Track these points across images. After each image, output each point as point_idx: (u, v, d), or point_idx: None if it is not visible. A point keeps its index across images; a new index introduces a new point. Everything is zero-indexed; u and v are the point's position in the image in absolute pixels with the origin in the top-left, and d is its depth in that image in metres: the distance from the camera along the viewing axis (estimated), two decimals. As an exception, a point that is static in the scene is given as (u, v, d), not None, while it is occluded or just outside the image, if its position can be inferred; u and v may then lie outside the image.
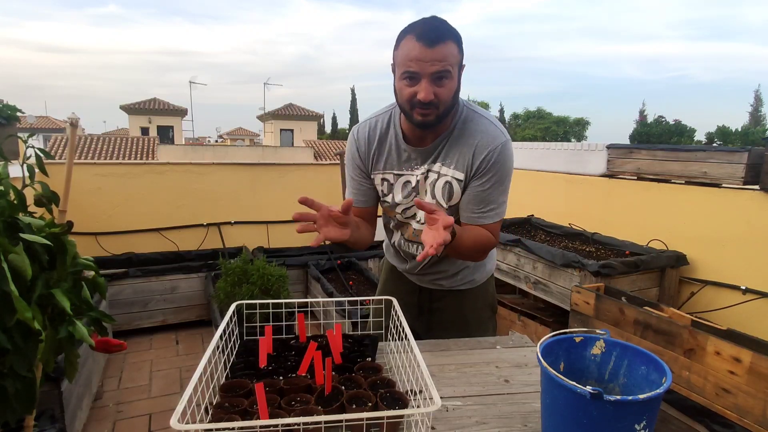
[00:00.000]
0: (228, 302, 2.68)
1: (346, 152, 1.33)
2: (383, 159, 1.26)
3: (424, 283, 1.43)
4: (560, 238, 3.09)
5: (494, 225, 1.21)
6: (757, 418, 1.50)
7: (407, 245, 1.35)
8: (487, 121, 1.19)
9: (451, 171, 1.19)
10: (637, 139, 13.95)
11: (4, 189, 0.83)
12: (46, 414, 1.69)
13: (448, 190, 1.21)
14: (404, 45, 1.07)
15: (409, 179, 1.25)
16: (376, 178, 1.29)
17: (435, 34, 1.03)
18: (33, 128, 20.37)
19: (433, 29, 1.04)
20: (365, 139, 1.27)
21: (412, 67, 1.05)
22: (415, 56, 1.04)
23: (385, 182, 1.28)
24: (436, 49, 1.03)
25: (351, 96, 39.93)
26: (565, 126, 33.19)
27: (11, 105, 2.41)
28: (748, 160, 2.35)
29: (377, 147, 1.26)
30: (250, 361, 1.04)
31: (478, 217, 1.19)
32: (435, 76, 1.05)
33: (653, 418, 0.72)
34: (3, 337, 0.76)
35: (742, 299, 2.35)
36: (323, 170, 4.62)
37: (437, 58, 1.03)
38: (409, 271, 1.42)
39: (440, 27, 1.05)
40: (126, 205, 3.85)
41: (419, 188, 1.24)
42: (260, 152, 15.00)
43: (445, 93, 1.08)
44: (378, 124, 1.26)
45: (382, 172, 1.27)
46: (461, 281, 1.40)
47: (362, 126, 1.29)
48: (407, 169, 1.24)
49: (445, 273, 1.38)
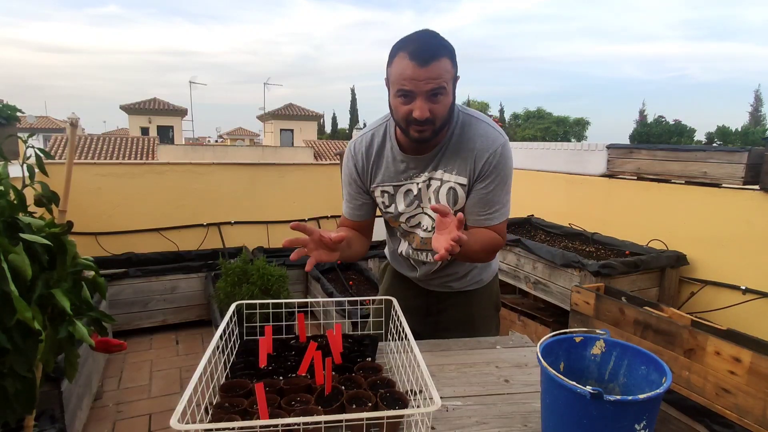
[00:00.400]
0: (228, 302, 2.67)
1: (343, 167, 1.33)
2: (381, 172, 1.26)
3: (432, 287, 1.43)
4: (560, 238, 3.09)
5: (500, 225, 1.22)
6: (757, 418, 1.49)
7: (416, 254, 1.35)
8: (484, 124, 1.19)
9: (454, 177, 1.20)
10: (637, 139, 13.94)
11: (4, 189, 0.83)
12: (46, 414, 1.69)
13: (453, 195, 1.21)
14: (397, 63, 1.06)
15: (410, 188, 1.24)
16: (375, 191, 1.29)
17: (428, 52, 1.02)
18: (33, 128, 20.37)
19: (425, 47, 1.03)
20: (363, 154, 1.26)
21: (406, 86, 1.04)
22: (409, 75, 1.03)
23: (386, 194, 1.28)
24: (429, 68, 1.02)
25: (351, 96, 39.97)
26: (565, 126, 33.20)
27: (11, 105, 2.41)
28: (748, 160, 2.35)
29: (375, 161, 1.26)
30: (250, 361, 1.04)
31: (485, 219, 1.20)
32: (430, 93, 1.04)
33: (653, 418, 0.72)
34: (3, 337, 0.76)
35: (742, 299, 2.35)
36: (323, 170, 4.62)
37: (431, 77, 1.02)
38: (420, 279, 1.42)
39: (432, 43, 1.04)
40: (126, 205, 3.85)
41: (422, 196, 1.24)
42: (260, 152, 15.01)
43: (440, 109, 1.07)
44: (374, 138, 1.26)
45: (382, 185, 1.27)
46: (470, 282, 1.41)
47: (359, 141, 1.28)
48: (406, 179, 1.24)
49: (455, 275, 1.39)
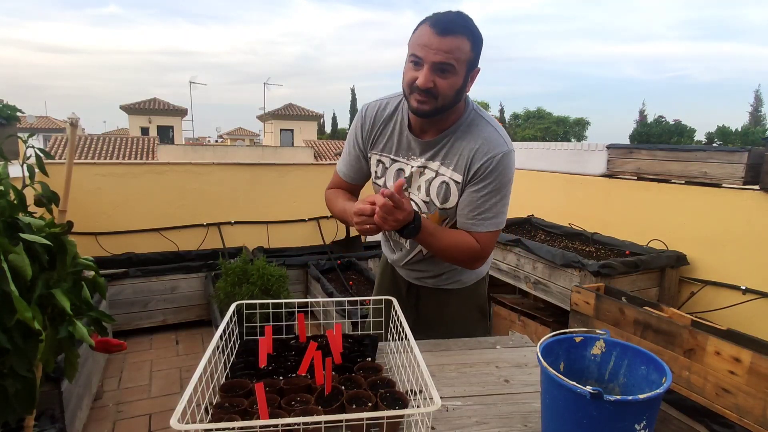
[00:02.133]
0: (228, 302, 2.67)
1: (351, 125, 1.34)
2: (383, 141, 1.27)
3: (411, 278, 1.43)
4: (560, 238, 3.09)
5: (486, 235, 1.19)
6: (757, 418, 1.49)
7: (396, 235, 1.34)
8: (492, 129, 1.18)
9: (450, 172, 1.19)
10: (637, 139, 13.95)
11: (4, 189, 0.83)
12: (46, 414, 1.69)
13: (444, 190, 1.20)
14: (419, 30, 1.07)
15: (402, 167, 1.24)
16: (372, 158, 1.30)
17: (448, 25, 1.03)
18: (33, 128, 20.36)
19: (448, 20, 1.04)
20: (372, 117, 1.27)
21: (418, 52, 1.05)
22: (423, 42, 1.04)
23: (380, 164, 1.28)
24: (444, 39, 1.03)
25: (351, 96, 40.00)
26: (565, 126, 33.21)
27: (11, 105, 2.41)
28: (748, 160, 2.35)
29: (381, 127, 1.27)
30: (250, 361, 1.04)
31: (471, 224, 1.18)
32: (437, 66, 1.05)
33: (653, 418, 0.72)
34: (3, 337, 0.76)
35: (742, 299, 2.35)
36: (323, 170, 4.62)
37: (443, 48, 1.03)
38: (397, 263, 1.43)
39: (456, 20, 1.05)
40: (126, 205, 3.85)
41: (412, 181, 1.23)
42: (260, 152, 15.00)
43: (445, 85, 1.07)
44: (388, 106, 1.27)
45: (380, 153, 1.28)
46: (447, 281, 1.40)
47: (372, 104, 1.30)
48: (404, 156, 1.24)
49: (428, 272, 1.39)
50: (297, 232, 4.41)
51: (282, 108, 25.09)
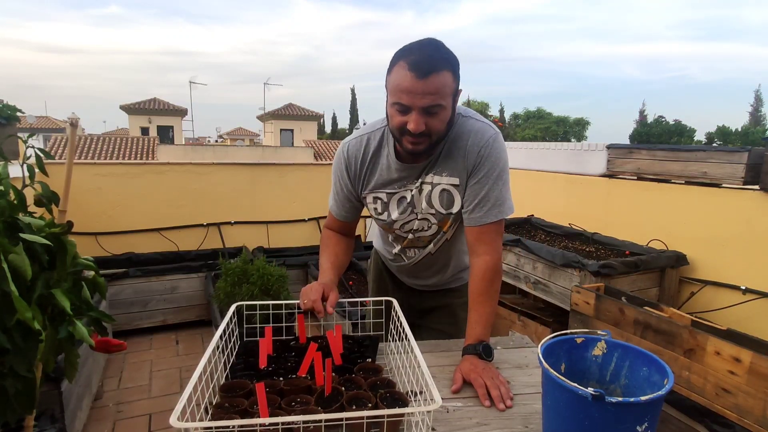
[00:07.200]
0: (228, 302, 2.67)
1: (333, 165, 1.28)
2: (375, 178, 1.22)
3: (413, 285, 1.46)
4: (560, 238, 3.09)
5: (494, 225, 1.15)
6: (757, 418, 1.49)
7: (403, 251, 1.36)
8: (472, 120, 1.16)
9: (445, 179, 1.17)
10: (637, 139, 13.96)
11: (4, 189, 0.83)
12: (46, 414, 1.68)
13: (447, 197, 1.19)
14: (396, 72, 1.01)
15: (404, 195, 1.22)
16: (368, 198, 1.26)
17: (428, 64, 0.97)
18: (33, 128, 20.36)
19: (426, 59, 0.97)
20: (356, 157, 1.22)
21: (404, 100, 1.00)
22: (406, 88, 0.98)
23: (379, 201, 1.25)
24: (427, 81, 0.97)
25: (351, 96, 40.06)
26: (565, 126, 33.22)
27: (11, 105, 2.40)
28: (748, 160, 2.35)
29: (370, 166, 1.21)
30: (250, 361, 1.04)
31: (481, 217, 1.15)
32: (426, 110, 1.00)
33: (655, 419, 0.71)
34: (3, 337, 0.76)
35: (742, 299, 2.35)
36: (323, 170, 4.61)
37: (429, 91, 0.98)
38: (392, 262, 1.44)
39: (434, 55, 0.98)
40: (126, 205, 3.85)
41: (415, 202, 1.21)
42: (260, 152, 15.01)
43: (436, 124, 1.03)
44: (370, 141, 1.21)
45: (375, 191, 1.24)
46: (449, 283, 1.44)
47: (352, 143, 1.23)
48: (400, 187, 1.21)
49: (434, 286, 1.43)
50: (297, 232, 4.41)
51: (282, 108, 25.09)
